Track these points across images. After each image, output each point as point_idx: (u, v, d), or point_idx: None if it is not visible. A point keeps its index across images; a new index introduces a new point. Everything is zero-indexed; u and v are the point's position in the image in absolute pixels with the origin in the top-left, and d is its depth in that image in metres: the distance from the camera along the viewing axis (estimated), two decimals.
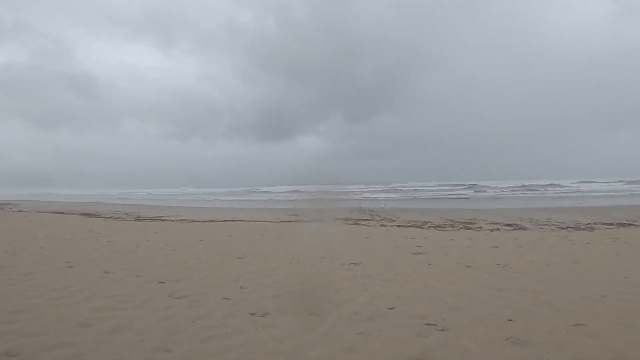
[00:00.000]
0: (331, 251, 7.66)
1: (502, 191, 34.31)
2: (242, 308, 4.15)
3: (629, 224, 11.79)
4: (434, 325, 3.52)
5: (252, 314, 3.95)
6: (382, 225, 12.73)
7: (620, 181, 38.09)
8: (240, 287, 4.99)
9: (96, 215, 18.62)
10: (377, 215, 16.62)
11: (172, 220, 15.76)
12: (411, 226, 12.23)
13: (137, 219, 16.99)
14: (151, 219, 16.61)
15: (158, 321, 3.76)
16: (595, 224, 12.06)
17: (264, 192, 47.31)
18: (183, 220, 15.80)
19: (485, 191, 35.58)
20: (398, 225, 12.42)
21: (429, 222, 13.36)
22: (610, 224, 11.85)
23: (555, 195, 29.89)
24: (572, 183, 38.68)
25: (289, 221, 14.54)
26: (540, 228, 11.43)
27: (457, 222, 13.22)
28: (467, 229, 11.59)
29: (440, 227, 12.01)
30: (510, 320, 3.59)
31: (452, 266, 6.19)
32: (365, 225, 12.68)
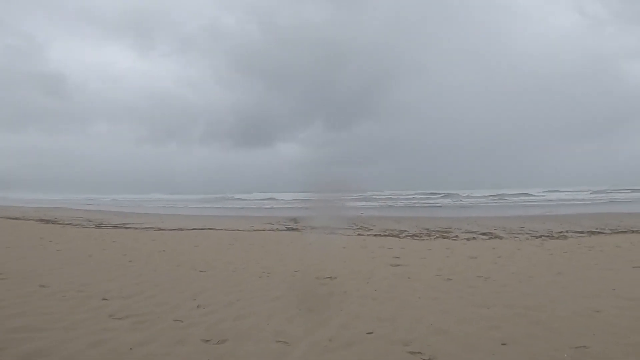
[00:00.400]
0: (306, 263, 7.12)
1: (477, 200, 34.92)
2: (195, 332, 3.52)
3: (599, 232, 11.94)
4: (419, 353, 3.04)
5: (207, 341, 3.34)
6: (359, 234, 12.31)
7: (586, 190, 39.70)
8: (197, 306, 4.35)
9: (54, 222, 17.19)
10: (354, 223, 16.24)
11: (136, 228, 14.75)
12: (388, 235, 11.89)
13: (99, 226, 15.82)
14: (114, 227, 15.49)
15: (88, 347, 3.10)
16: (567, 232, 12.14)
17: (239, 199, 46.00)
18: (149, 228, 14.80)
19: (460, 200, 36.10)
20: (375, 235, 12.04)
21: (405, 230, 13.09)
22: (582, 232, 11.95)
23: (526, 204, 30.67)
24: (541, 192, 39.97)
25: (263, 230, 13.87)
26: (515, 237, 11.38)
27: (434, 231, 13.04)
28: (443, 237, 11.40)
29: (417, 236, 11.76)
30: (505, 344, 3.17)
31: (433, 279, 5.81)
32: (343, 234, 12.23)
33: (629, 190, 37.50)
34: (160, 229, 14.20)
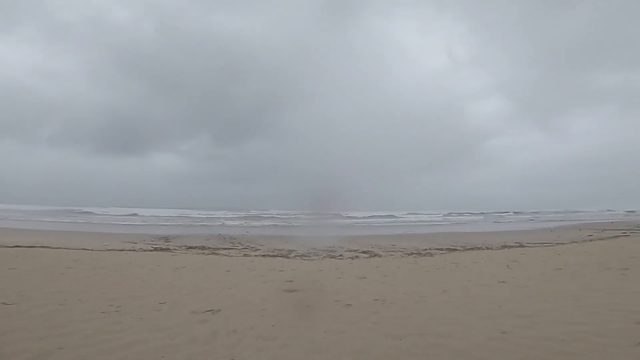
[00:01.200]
0: (177, 292, 5.59)
1: (354, 220, 37.28)
2: None
3: (454, 249, 13.56)
4: None
5: None
6: (245, 255, 11.05)
7: (438, 213, 47.23)
8: None
9: None
10: (240, 243, 14.84)
11: None
12: (277, 255, 11.02)
13: None
14: None
15: None
16: (430, 249, 13.42)
17: (89, 213, 37.90)
18: None
19: (342, 220, 37.95)
20: (263, 255, 11.00)
21: (294, 250, 12.47)
22: (442, 249, 13.36)
23: (393, 224, 34.19)
24: (404, 214, 45.57)
25: (122, 250, 11.21)
26: (391, 254, 11.97)
27: (320, 250, 12.80)
28: (330, 257, 11.23)
29: (306, 256, 11.28)
30: None
31: (332, 306, 5.16)
32: (226, 255, 10.75)
33: (468, 214, 46.57)
34: None
